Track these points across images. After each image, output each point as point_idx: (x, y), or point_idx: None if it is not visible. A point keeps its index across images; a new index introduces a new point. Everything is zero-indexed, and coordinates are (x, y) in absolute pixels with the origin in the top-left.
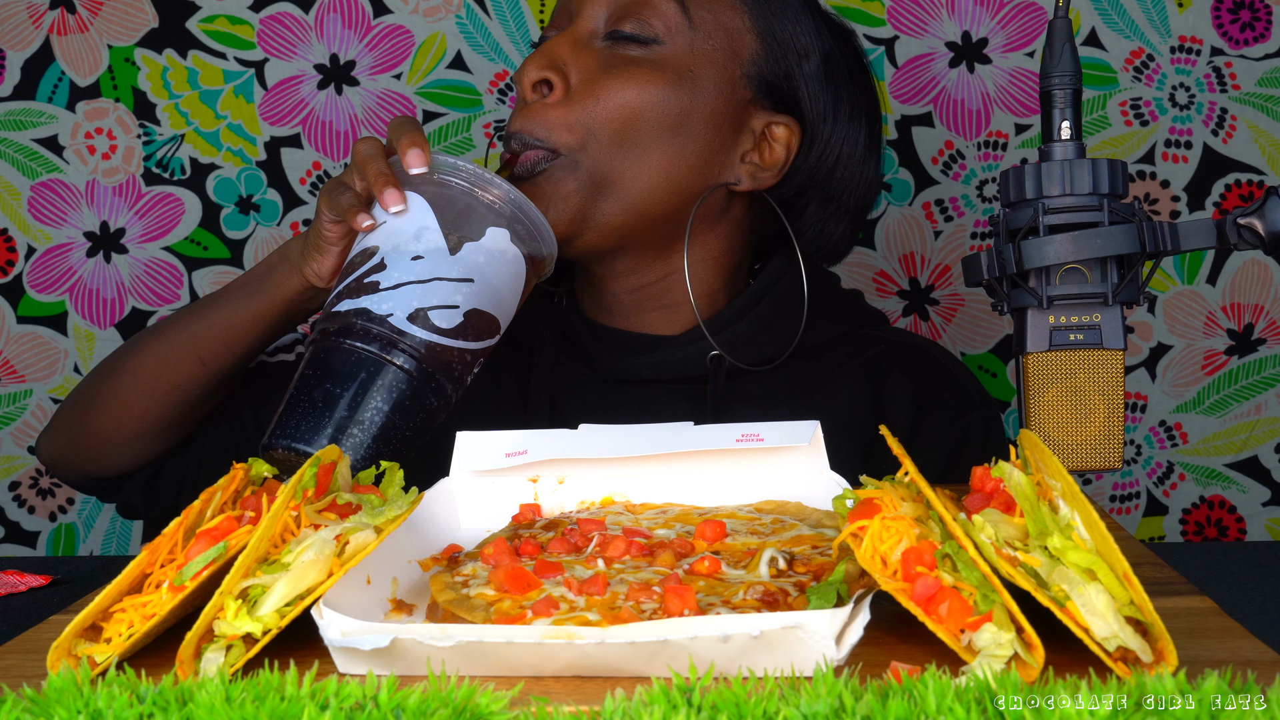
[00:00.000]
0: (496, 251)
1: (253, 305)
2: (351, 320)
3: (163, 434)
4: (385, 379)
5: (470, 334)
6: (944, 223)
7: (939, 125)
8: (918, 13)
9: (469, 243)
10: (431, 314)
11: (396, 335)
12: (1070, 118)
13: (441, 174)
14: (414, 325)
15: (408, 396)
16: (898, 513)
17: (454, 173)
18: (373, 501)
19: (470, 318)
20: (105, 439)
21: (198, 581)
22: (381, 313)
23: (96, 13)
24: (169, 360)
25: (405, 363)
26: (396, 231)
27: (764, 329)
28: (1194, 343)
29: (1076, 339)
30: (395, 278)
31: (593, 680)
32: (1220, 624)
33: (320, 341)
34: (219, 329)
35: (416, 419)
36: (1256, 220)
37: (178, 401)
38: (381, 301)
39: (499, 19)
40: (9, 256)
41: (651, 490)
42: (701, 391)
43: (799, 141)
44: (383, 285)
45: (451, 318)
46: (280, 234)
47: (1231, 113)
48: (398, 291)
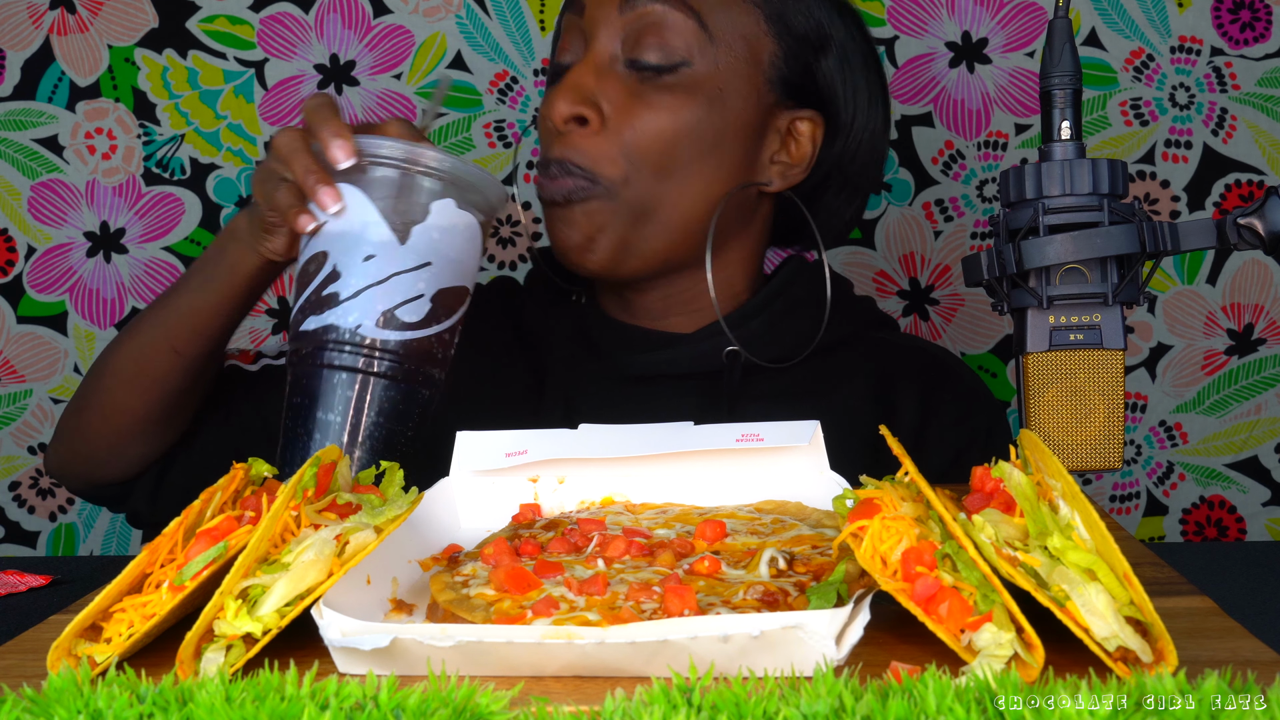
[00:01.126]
0: (447, 226)
1: (215, 289)
2: (323, 339)
3: (155, 431)
4: (374, 392)
5: (442, 314)
6: (944, 223)
7: (939, 125)
8: (918, 13)
9: (416, 226)
10: (399, 312)
11: (371, 345)
12: (1070, 118)
13: (370, 158)
14: (385, 330)
15: (399, 401)
16: (898, 513)
17: (382, 154)
18: (373, 501)
19: (438, 300)
20: (100, 442)
21: (198, 581)
22: (349, 326)
23: (96, 13)
24: (145, 355)
25: (388, 369)
26: (342, 234)
27: (778, 327)
28: (1194, 343)
29: (1076, 339)
30: (353, 285)
31: (593, 680)
32: (1220, 624)
33: (299, 366)
34: (186, 317)
35: (413, 416)
36: (1256, 220)
37: (162, 394)
38: (346, 314)
39: (499, 19)
40: (9, 256)
41: (651, 490)
42: (713, 388)
43: (823, 133)
44: (343, 296)
45: (419, 308)
46: None
47: (1231, 113)
48: (359, 299)
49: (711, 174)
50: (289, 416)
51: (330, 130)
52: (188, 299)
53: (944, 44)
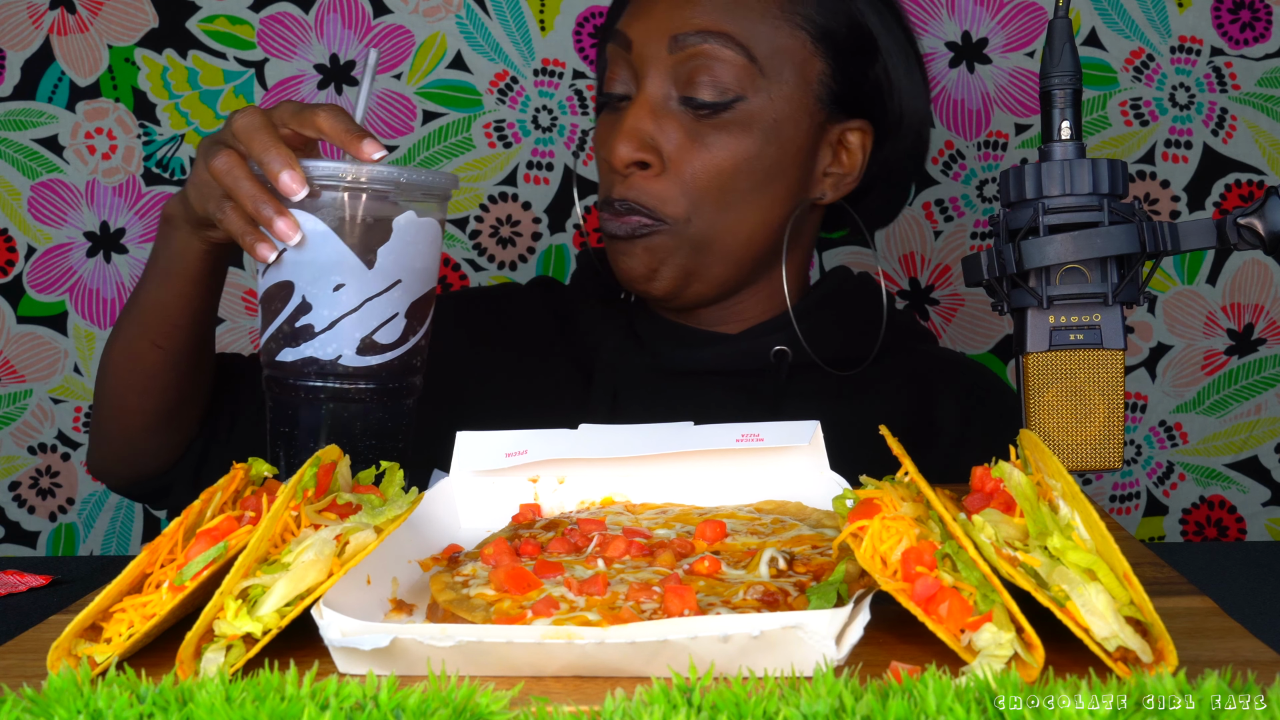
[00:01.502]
0: (409, 240)
1: (174, 281)
2: (303, 370)
3: (168, 422)
4: (362, 414)
5: (417, 325)
6: (944, 223)
7: (939, 125)
8: (918, 13)
9: (381, 247)
10: (377, 336)
11: (354, 373)
12: (1070, 118)
13: (319, 182)
14: (366, 356)
15: (388, 417)
16: (897, 513)
17: (331, 177)
18: (373, 501)
19: (412, 313)
20: (119, 442)
21: (198, 582)
22: (329, 357)
23: (96, 13)
24: (131, 354)
25: (373, 393)
26: (307, 263)
27: (826, 332)
28: (1194, 343)
29: (1076, 339)
30: (326, 316)
31: (593, 680)
32: (1220, 624)
33: (281, 394)
34: (156, 313)
35: (403, 427)
36: (1256, 220)
37: (161, 388)
38: (325, 346)
39: (499, 19)
40: (9, 256)
41: (651, 490)
42: (755, 385)
43: (872, 139)
44: (318, 328)
45: (396, 328)
46: None
47: (1231, 113)
48: (335, 330)
49: (769, 201)
50: (277, 444)
51: (278, 160)
52: (154, 294)
53: (944, 44)
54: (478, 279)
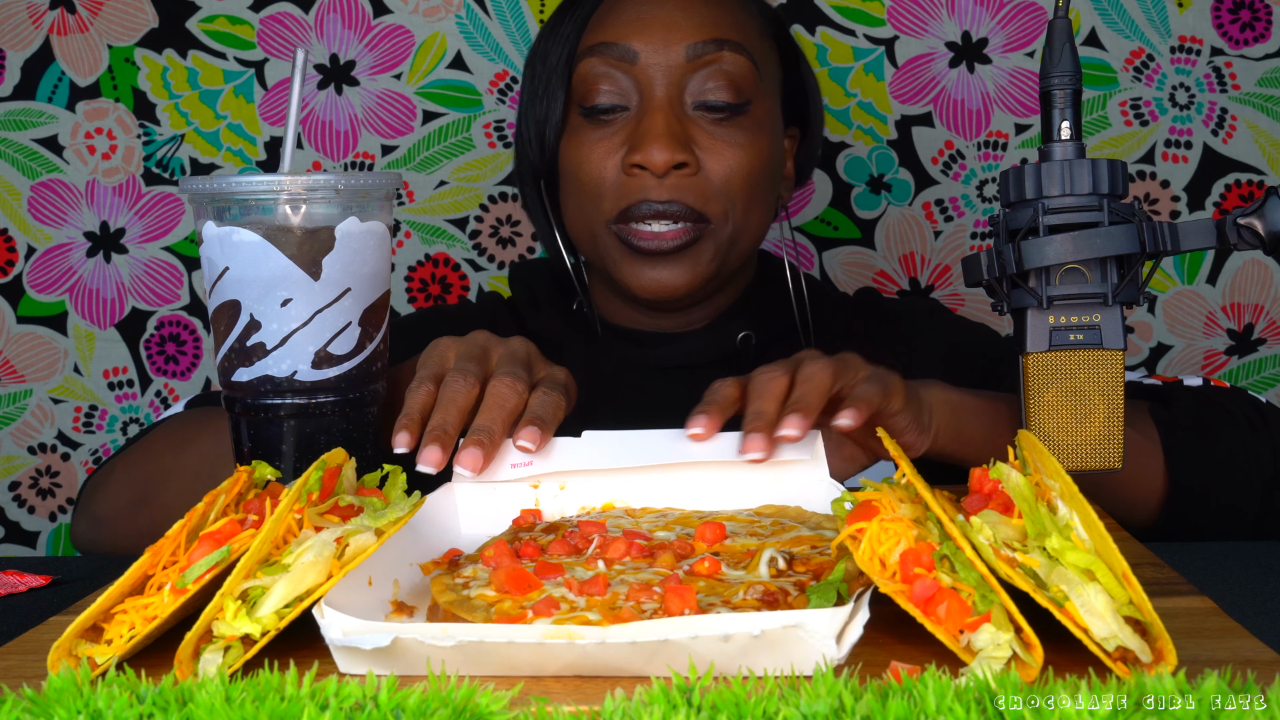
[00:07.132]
0: (355, 247)
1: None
2: (260, 389)
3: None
4: (325, 428)
5: (372, 331)
6: (944, 223)
7: (939, 125)
8: (918, 13)
9: (326, 257)
10: (331, 348)
11: (312, 387)
12: (1070, 118)
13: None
14: (322, 369)
15: (353, 428)
16: (896, 514)
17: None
18: (375, 504)
19: (365, 319)
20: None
21: (200, 585)
22: (284, 374)
23: (96, 13)
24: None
25: (333, 406)
26: (250, 281)
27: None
28: (1194, 343)
29: (1076, 339)
30: (277, 333)
31: (593, 680)
32: (1220, 624)
33: (243, 415)
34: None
35: (370, 432)
36: (1256, 220)
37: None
38: (279, 363)
39: (499, 19)
40: (9, 256)
41: (652, 496)
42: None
43: (797, 142)
44: (270, 346)
45: (350, 337)
46: None
47: (1231, 113)
48: (287, 346)
49: (772, 200)
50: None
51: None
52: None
53: (944, 44)
54: (478, 279)
